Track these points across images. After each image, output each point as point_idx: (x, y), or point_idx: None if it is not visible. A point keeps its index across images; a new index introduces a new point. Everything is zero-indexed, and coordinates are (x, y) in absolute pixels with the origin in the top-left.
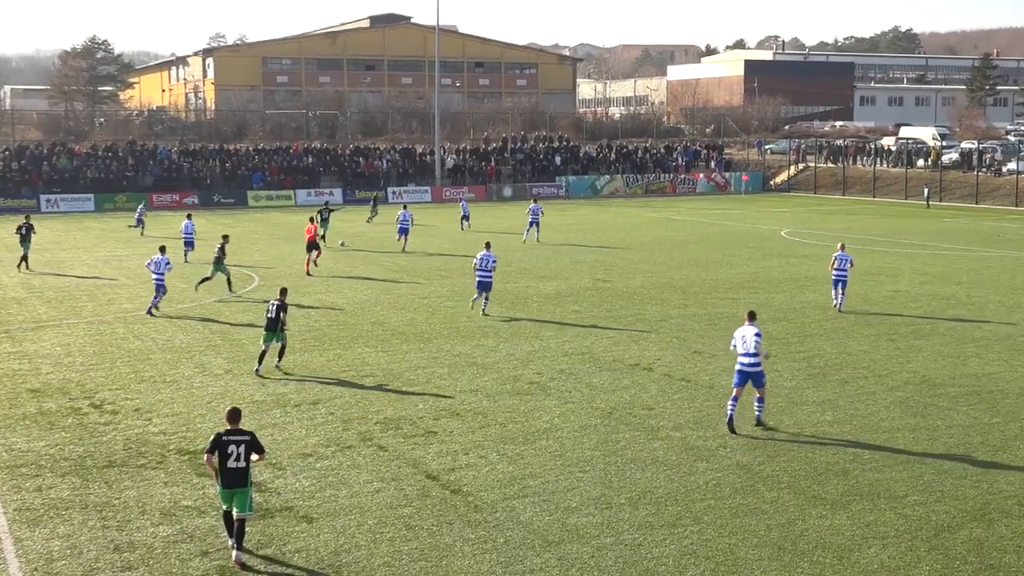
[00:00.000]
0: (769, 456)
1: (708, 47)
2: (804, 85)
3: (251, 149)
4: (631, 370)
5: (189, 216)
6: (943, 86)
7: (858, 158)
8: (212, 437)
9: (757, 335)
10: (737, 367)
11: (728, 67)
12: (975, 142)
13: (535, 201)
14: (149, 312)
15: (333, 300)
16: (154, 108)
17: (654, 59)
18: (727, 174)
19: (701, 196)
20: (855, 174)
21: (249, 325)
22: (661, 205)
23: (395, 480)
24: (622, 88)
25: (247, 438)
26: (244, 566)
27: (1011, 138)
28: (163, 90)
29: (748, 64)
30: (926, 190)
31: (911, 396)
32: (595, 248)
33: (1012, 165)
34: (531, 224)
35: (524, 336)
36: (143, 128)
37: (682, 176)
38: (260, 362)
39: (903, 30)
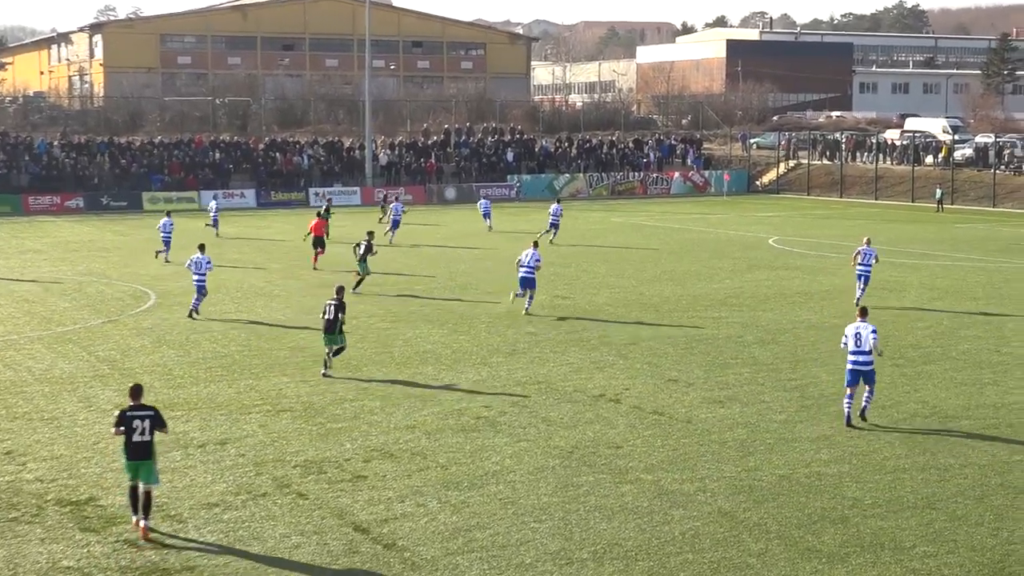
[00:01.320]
0: (755, 501)
1: (684, 25)
2: (795, 69)
3: (147, 143)
4: (595, 402)
5: (168, 213)
6: (955, 71)
7: (858, 154)
8: (117, 413)
9: (874, 332)
10: (849, 366)
11: (707, 48)
12: (992, 136)
13: (558, 202)
14: (190, 315)
15: (244, 320)
16: (31, 94)
17: (621, 39)
18: (706, 172)
19: (676, 198)
20: (854, 173)
21: (142, 351)
22: (630, 208)
23: (318, 533)
24: (584, 72)
25: (151, 413)
26: (150, 531)
27: None
28: (42, 72)
29: (731, 45)
30: (939, 191)
31: (919, 430)
32: (553, 259)
33: None
34: (551, 226)
35: (470, 363)
36: (17, 117)
37: (654, 175)
38: (326, 365)
39: (909, 6)
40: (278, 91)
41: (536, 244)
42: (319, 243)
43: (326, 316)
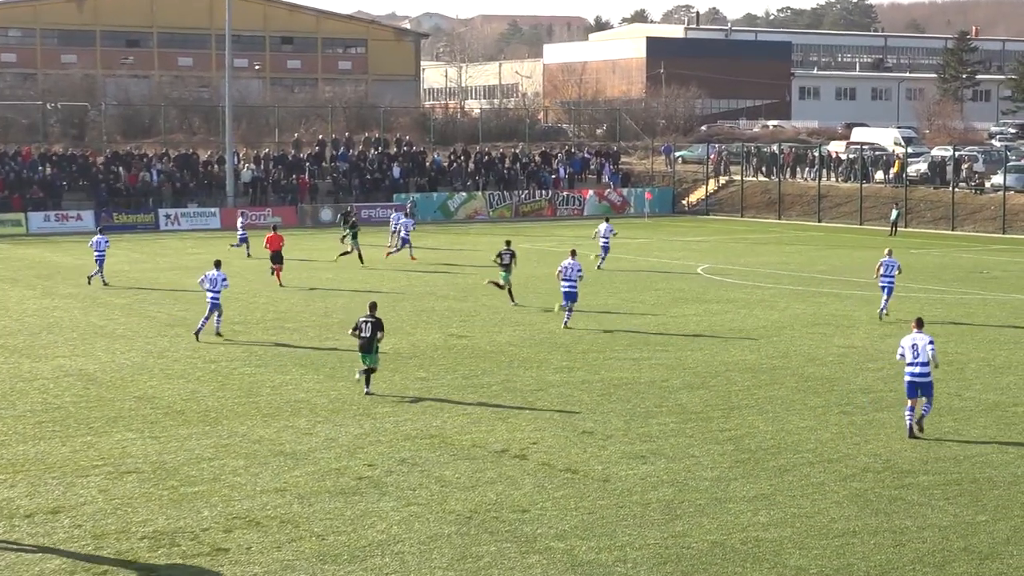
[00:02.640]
0: (684, 573)
1: (598, 21)
2: (726, 72)
3: None
4: (497, 458)
5: (101, 230)
6: (907, 74)
7: (798, 169)
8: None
9: (931, 343)
10: (907, 378)
11: (625, 47)
12: (949, 148)
13: (607, 221)
14: (205, 332)
15: (81, 365)
16: None
17: (526, 35)
18: (625, 191)
19: (591, 220)
20: (794, 191)
21: None
22: (536, 232)
23: None
24: (483, 74)
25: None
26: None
27: (995, 143)
28: None
29: (652, 44)
30: (894, 211)
31: (871, 488)
32: (447, 291)
33: (997, 179)
34: (603, 250)
35: (350, 413)
36: None
37: (564, 193)
38: (368, 383)
39: (854, 1)
40: (121, 95)
41: (574, 253)
42: (277, 258)
43: (362, 334)
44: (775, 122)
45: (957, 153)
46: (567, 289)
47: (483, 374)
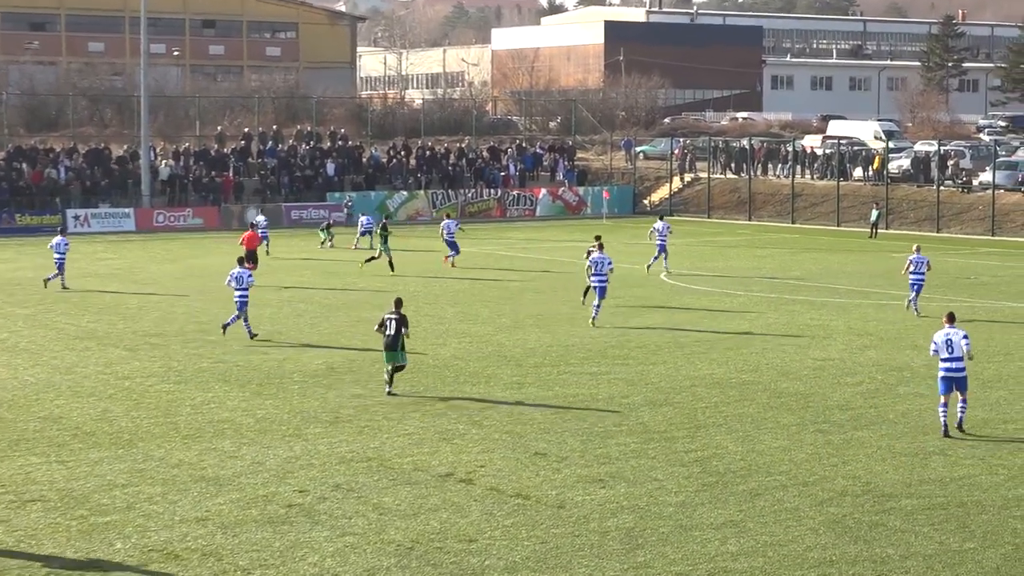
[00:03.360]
0: None
1: (551, 3)
2: (691, 60)
3: None
4: (441, 483)
5: (62, 231)
6: (888, 62)
7: (770, 166)
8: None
9: (965, 337)
10: (941, 373)
11: (581, 32)
12: (934, 143)
13: (661, 218)
14: (226, 331)
15: None
16: None
17: (472, 19)
18: (581, 189)
19: (544, 221)
20: (766, 189)
21: None
22: (484, 235)
23: None
24: (425, 61)
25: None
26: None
27: (984, 137)
28: None
29: (610, 28)
30: (875, 212)
31: (850, 513)
32: (384, 299)
33: (986, 176)
34: (660, 250)
35: (280, 434)
36: None
37: (515, 192)
38: (390, 383)
39: None
40: (24, 83)
41: (602, 246)
42: (252, 257)
43: (387, 332)
44: (745, 114)
45: (942, 148)
46: (598, 284)
47: (426, 390)
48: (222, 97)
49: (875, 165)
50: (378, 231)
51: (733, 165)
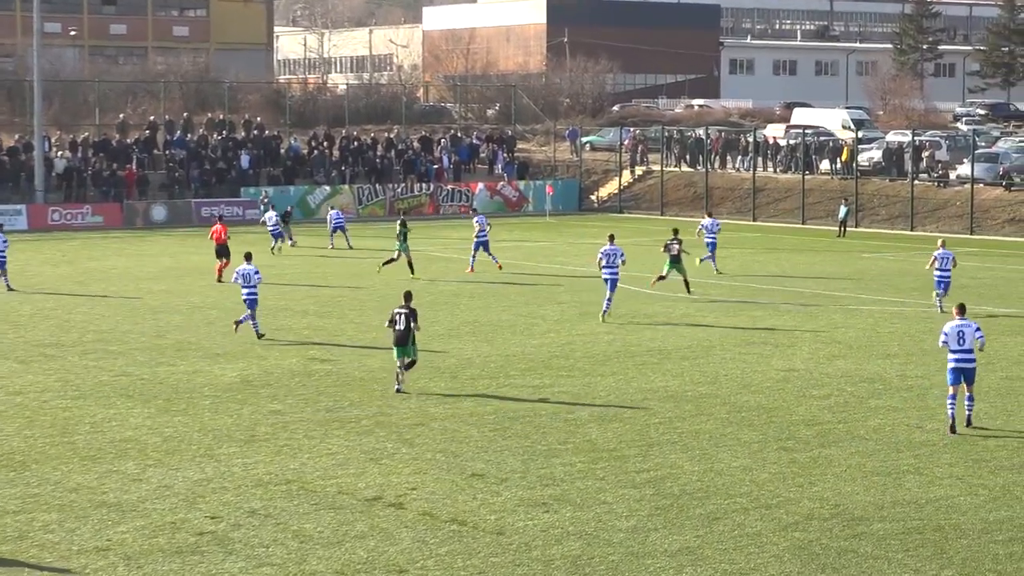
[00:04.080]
0: None
1: None
2: (642, 41)
3: None
4: (368, 508)
5: (1, 228)
6: (858, 44)
7: (728, 158)
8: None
9: (979, 330)
10: (951, 364)
11: (521, 11)
12: (907, 133)
13: (709, 215)
14: (250, 332)
15: None
16: None
17: None
18: (522, 184)
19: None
20: (724, 183)
21: None
22: (415, 234)
23: None
24: (350, 43)
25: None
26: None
27: (962, 126)
28: None
29: (553, 7)
30: (843, 208)
31: (817, 538)
32: (306, 305)
33: (964, 169)
34: (709, 248)
35: (189, 455)
36: None
37: (449, 187)
38: (399, 380)
39: None
40: None
41: (612, 238)
42: (223, 252)
43: (397, 327)
44: (701, 101)
45: (917, 138)
46: (610, 276)
47: (351, 406)
48: (124, 82)
49: (843, 157)
50: (397, 229)
51: (688, 157)
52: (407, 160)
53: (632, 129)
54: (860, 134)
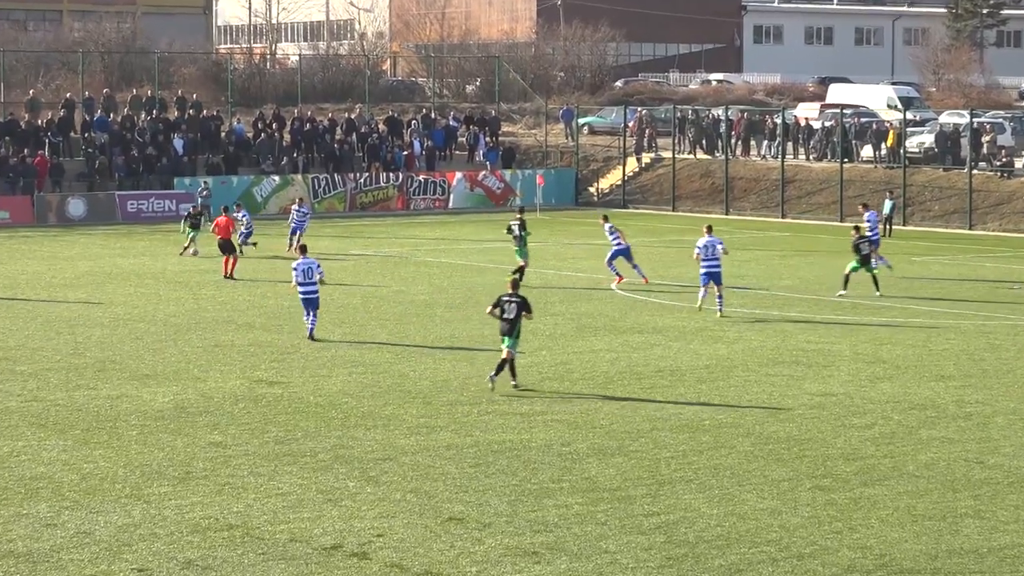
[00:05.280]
0: None
1: None
2: (651, 6)
3: None
4: (326, 558)
5: None
6: (906, 8)
7: (753, 143)
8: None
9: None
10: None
11: None
12: (965, 113)
13: (865, 206)
14: (313, 337)
15: None
16: None
17: None
18: (508, 173)
19: (459, 215)
20: (748, 173)
21: None
22: (381, 231)
23: None
24: (303, 6)
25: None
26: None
27: None
28: None
29: None
30: (888, 203)
31: None
32: (252, 318)
33: None
34: (872, 245)
35: (113, 495)
36: None
37: (421, 178)
38: (498, 370)
39: None
40: None
41: (711, 228)
42: (227, 247)
43: (505, 315)
44: (720, 76)
45: (975, 120)
46: (711, 270)
47: (305, 437)
48: (35, 52)
49: (889, 142)
50: (514, 231)
51: (705, 142)
52: (371, 145)
53: (638, 109)
54: (908, 115)
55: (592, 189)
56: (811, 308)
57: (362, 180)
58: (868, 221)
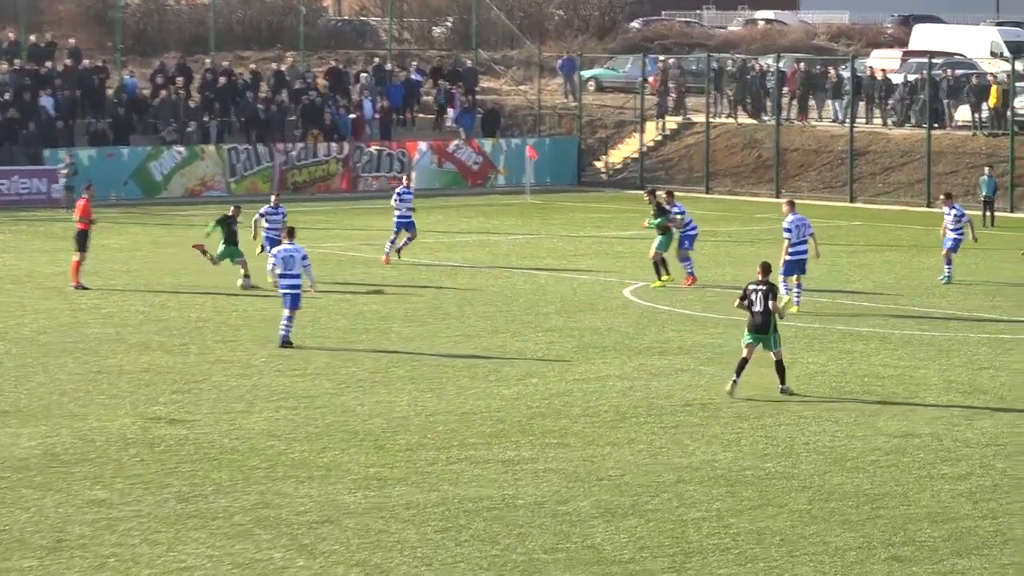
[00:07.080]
0: None
1: None
2: None
3: None
4: None
5: None
6: None
7: (812, 103)
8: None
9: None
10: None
11: None
12: None
13: (948, 199)
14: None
15: None
16: None
17: None
18: (488, 143)
19: (423, 198)
20: (805, 143)
21: None
22: (319, 222)
23: None
24: None
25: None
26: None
27: None
28: None
29: None
30: (987, 179)
31: None
32: (149, 336)
33: None
34: (953, 243)
35: None
36: None
37: (372, 148)
38: (783, 379)
39: None
40: None
41: (793, 204)
42: (85, 241)
43: (754, 308)
44: (770, 14)
45: None
46: (798, 256)
47: (217, 493)
48: None
49: (992, 102)
50: (653, 219)
51: (750, 102)
52: (307, 106)
53: (661, 58)
54: (1019, 66)
55: (600, 164)
56: (888, 321)
57: (295, 153)
58: (952, 216)
